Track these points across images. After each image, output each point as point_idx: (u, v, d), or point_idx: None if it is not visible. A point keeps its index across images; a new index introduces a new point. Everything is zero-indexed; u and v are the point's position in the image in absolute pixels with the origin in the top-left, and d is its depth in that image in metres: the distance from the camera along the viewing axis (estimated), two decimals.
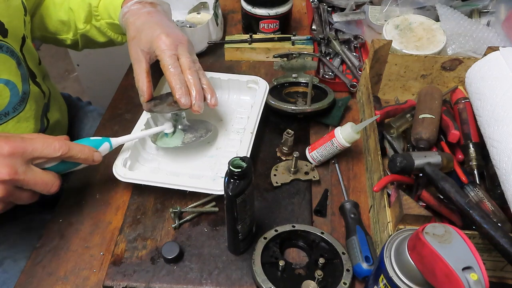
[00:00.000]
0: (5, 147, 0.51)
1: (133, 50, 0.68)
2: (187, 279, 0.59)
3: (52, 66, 2.37)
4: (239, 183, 0.50)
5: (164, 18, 0.72)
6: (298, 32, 1.01)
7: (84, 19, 0.80)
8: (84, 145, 0.59)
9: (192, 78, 0.64)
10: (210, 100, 0.66)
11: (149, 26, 0.68)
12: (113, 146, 0.64)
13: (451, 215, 0.60)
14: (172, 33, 0.67)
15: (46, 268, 0.61)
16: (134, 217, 0.66)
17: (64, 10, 0.81)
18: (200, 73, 0.67)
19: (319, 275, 0.55)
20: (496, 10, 0.92)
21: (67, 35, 0.84)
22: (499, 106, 0.59)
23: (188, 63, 0.65)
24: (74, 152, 0.57)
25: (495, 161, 0.58)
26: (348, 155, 0.75)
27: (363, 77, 0.81)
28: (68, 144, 0.56)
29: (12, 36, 0.67)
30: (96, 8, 0.79)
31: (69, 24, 0.82)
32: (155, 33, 0.66)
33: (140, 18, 0.70)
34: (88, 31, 0.82)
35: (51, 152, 0.54)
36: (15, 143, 0.52)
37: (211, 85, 0.68)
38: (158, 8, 0.74)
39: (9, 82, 0.66)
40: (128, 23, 0.71)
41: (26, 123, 0.70)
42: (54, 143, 0.55)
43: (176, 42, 0.66)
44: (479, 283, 0.38)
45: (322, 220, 0.66)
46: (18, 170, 0.51)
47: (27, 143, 0.53)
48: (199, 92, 0.64)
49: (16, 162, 0.51)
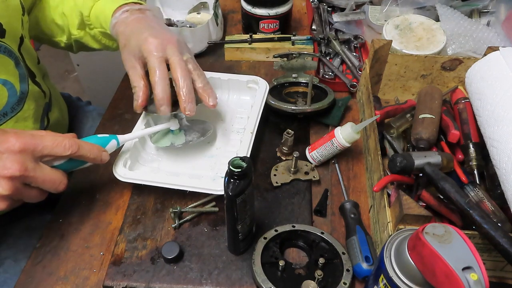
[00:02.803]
0: (16, 143, 0.51)
1: (126, 58, 0.67)
2: (187, 279, 0.59)
3: (52, 66, 2.36)
4: (239, 183, 0.50)
5: (153, 22, 0.70)
6: (298, 32, 1.01)
7: (77, 26, 0.79)
8: (93, 144, 0.59)
9: (182, 79, 0.62)
10: (208, 101, 0.65)
11: (137, 31, 0.67)
12: (120, 143, 0.64)
13: (451, 215, 0.60)
14: (159, 35, 0.65)
15: (46, 268, 0.61)
16: (134, 217, 0.66)
17: (58, 13, 0.80)
18: (195, 74, 0.65)
19: (319, 275, 0.55)
20: (496, 10, 0.92)
21: (61, 38, 0.83)
22: (499, 106, 0.59)
23: (177, 63, 0.63)
24: (84, 151, 0.57)
25: (495, 161, 0.58)
26: (348, 155, 0.75)
27: (363, 77, 0.81)
28: (78, 143, 0.56)
29: (10, 36, 0.67)
30: (88, 18, 0.78)
31: (63, 28, 0.81)
32: (142, 37, 0.64)
33: (129, 26, 0.69)
34: (82, 37, 0.81)
35: (61, 151, 0.54)
36: (26, 140, 0.52)
37: (209, 85, 0.66)
38: (147, 13, 0.72)
39: (7, 82, 0.66)
40: (118, 33, 0.70)
41: (24, 123, 0.70)
42: (65, 141, 0.55)
43: (164, 43, 0.64)
44: (479, 283, 0.38)
45: (322, 220, 0.66)
46: (28, 167, 0.51)
47: (37, 140, 0.53)
48: (189, 94, 0.62)
49: (26, 159, 0.51)
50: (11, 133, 0.52)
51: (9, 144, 0.50)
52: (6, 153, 0.50)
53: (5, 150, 0.50)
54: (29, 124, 0.71)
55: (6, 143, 0.50)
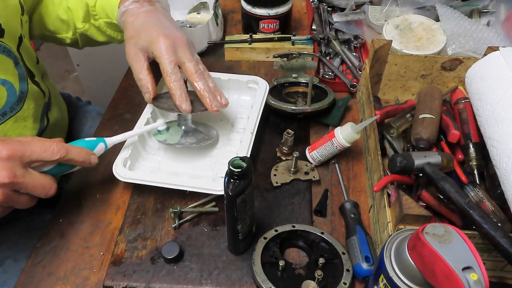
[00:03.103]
0: (3, 150, 0.50)
1: (131, 50, 0.68)
2: (187, 279, 0.59)
3: (52, 66, 2.37)
4: (239, 183, 0.50)
5: (163, 17, 0.71)
6: (298, 32, 1.01)
7: (82, 19, 0.80)
8: (82, 147, 0.59)
9: (201, 82, 0.65)
10: (221, 100, 0.67)
11: (148, 26, 0.68)
12: (108, 146, 0.64)
13: (451, 215, 0.60)
14: (170, 35, 0.67)
15: (46, 268, 0.61)
16: (134, 217, 0.66)
17: (63, 9, 0.81)
18: (206, 75, 0.68)
19: (319, 275, 0.55)
20: (496, 10, 0.92)
21: (67, 34, 0.84)
22: (499, 106, 0.59)
23: (193, 68, 0.66)
24: (72, 155, 0.57)
25: (495, 161, 0.58)
26: (348, 155, 0.75)
27: (363, 77, 0.81)
28: (66, 147, 0.56)
29: (8, 36, 0.67)
30: (94, 8, 0.78)
31: (68, 23, 0.82)
32: (154, 35, 0.66)
33: (138, 18, 0.70)
34: (87, 30, 0.82)
35: (49, 156, 0.54)
36: (13, 146, 0.51)
37: (217, 85, 0.69)
38: (156, 5, 0.73)
39: (6, 82, 0.66)
40: (126, 22, 0.71)
41: (24, 123, 0.70)
42: (52, 146, 0.54)
43: (175, 45, 0.66)
44: (479, 283, 0.38)
45: (322, 220, 0.66)
46: (17, 173, 0.50)
47: (25, 146, 0.52)
48: (211, 94, 0.66)
49: (15, 165, 0.51)
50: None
51: None
52: None
53: None
54: (28, 123, 0.71)
55: None
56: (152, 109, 0.75)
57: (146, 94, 0.68)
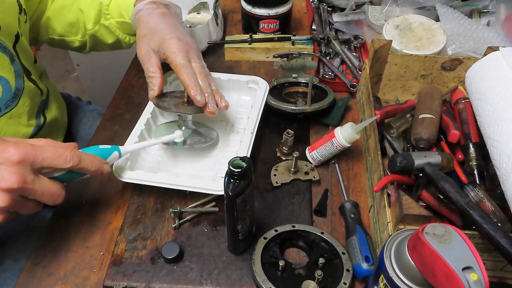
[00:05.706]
0: (15, 154, 0.48)
1: (143, 47, 0.69)
2: (187, 279, 0.59)
3: (52, 66, 2.37)
4: (239, 183, 0.50)
5: (177, 22, 0.73)
6: (298, 32, 1.01)
7: (93, 19, 0.81)
8: (95, 156, 0.57)
9: (203, 83, 0.66)
10: (221, 103, 0.68)
11: (162, 27, 0.69)
12: (122, 155, 0.62)
13: (451, 215, 0.60)
14: (183, 38, 0.69)
15: (46, 268, 0.61)
16: (134, 217, 0.66)
17: (73, 11, 0.82)
18: (209, 78, 0.69)
19: (319, 275, 0.55)
20: (496, 10, 0.92)
21: (76, 37, 0.85)
22: (499, 106, 0.59)
23: (199, 68, 0.67)
24: (85, 164, 0.55)
25: (495, 161, 0.58)
26: (348, 155, 0.75)
27: (363, 77, 0.81)
28: (79, 155, 0.54)
29: (4, 32, 0.67)
30: (107, 7, 0.80)
31: (77, 25, 0.83)
32: (167, 36, 0.67)
33: (153, 17, 0.71)
34: (97, 31, 0.83)
35: (61, 163, 0.52)
36: (26, 150, 0.49)
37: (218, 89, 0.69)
38: (171, 10, 0.75)
39: (1, 78, 0.66)
40: (140, 21, 0.72)
41: (18, 119, 0.70)
42: (65, 153, 0.52)
43: (186, 47, 0.67)
44: (479, 283, 0.38)
45: (322, 220, 0.66)
46: (26, 179, 0.49)
47: (37, 151, 0.50)
48: (211, 96, 0.66)
49: (25, 171, 0.49)
50: (11, 143, 0.49)
51: (8, 155, 0.48)
52: (5, 164, 0.48)
53: (3, 161, 0.48)
54: (23, 120, 0.71)
55: (5, 153, 0.48)
56: (152, 109, 0.75)
57: (151, 91, 0.68)
